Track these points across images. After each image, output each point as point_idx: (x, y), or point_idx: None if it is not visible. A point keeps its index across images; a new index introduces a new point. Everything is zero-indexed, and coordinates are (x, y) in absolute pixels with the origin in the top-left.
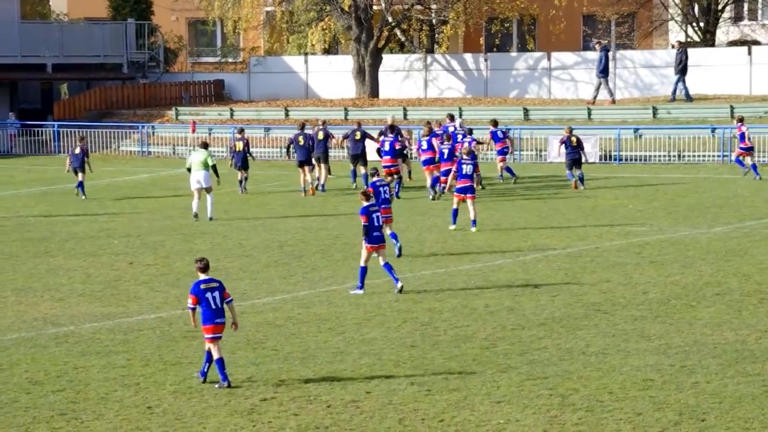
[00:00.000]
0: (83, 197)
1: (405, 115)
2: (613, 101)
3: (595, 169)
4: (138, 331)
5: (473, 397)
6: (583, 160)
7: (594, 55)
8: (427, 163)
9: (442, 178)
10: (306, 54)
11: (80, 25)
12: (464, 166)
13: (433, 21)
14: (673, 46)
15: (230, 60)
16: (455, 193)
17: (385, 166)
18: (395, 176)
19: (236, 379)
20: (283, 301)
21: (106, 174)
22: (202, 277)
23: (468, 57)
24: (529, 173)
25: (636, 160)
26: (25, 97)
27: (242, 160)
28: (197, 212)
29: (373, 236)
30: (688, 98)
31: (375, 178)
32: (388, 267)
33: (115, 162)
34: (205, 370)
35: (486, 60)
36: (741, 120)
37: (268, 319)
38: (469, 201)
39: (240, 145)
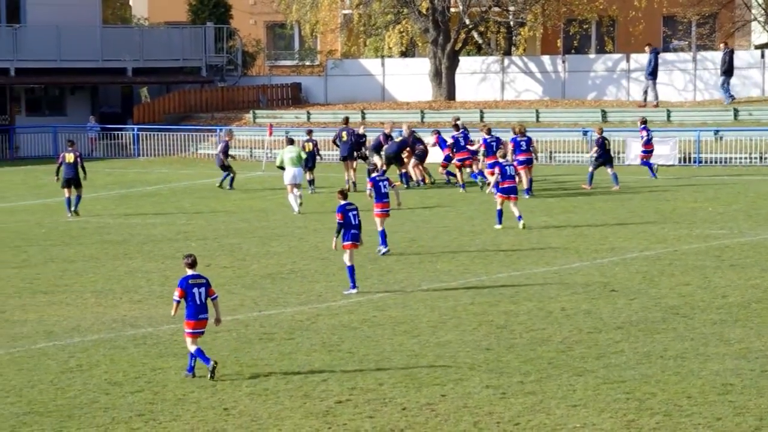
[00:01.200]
0: (229, 188)
1: (481, 117)
2: (657, 105)
3: (674, 171)
4: (215, 333)
5: (549, 400)
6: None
7: (672, 57)
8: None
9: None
10: (383, 57)
11: (160, 29)
12: (507, 168)
13: (511, 23)
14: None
15: (307, 63)
16: (499, 194)
17: (458, 160)
18: (466, 169)
19: (311, 382)
20: (359, 304)
21: (183, 176)
22: (190, 272)
23: (545, 59)
24: (606, 176)
25: (716, 162)
26: (105, 101)
27: (312, 161)
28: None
29: (351, 234)
30: (730, 98)
31: (375, 174)
32: (350, 268)
33: (193, 165)
34: (192, 364)
35: (564, 62)
36: (644, 122)
37: (344, 322)
38: (512, 202)
39: (310, 146)
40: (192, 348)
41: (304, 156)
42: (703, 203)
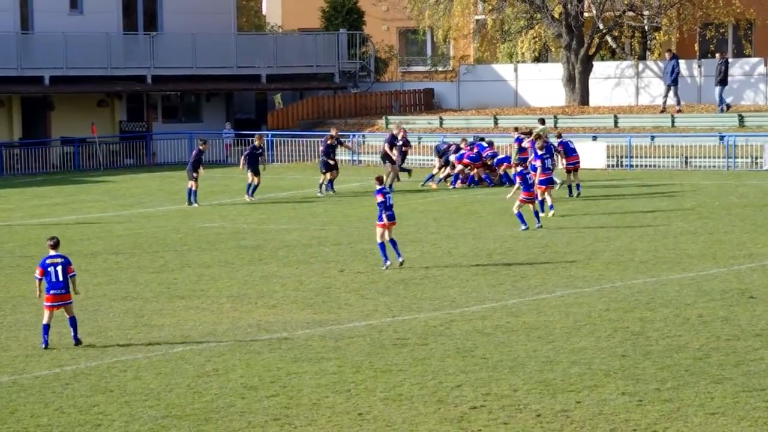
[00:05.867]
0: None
1: (616, 122)
2: (680, 110)
3: None
4: (349, 338)
5: (686, 408)
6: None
7: None
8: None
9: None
10: (516, 62)
11: (293, 36)
12: (546, 161)
13: (646, 27)
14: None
15: (440, 69)
16: (539, 186)
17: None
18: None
19: (445, 387)
20: (492, 310)
21: (316, 182)
22: (51, 253)
23: (681, 63)
24: (744, 181)
25: None
26: (240, 108)
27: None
28: None
29: (387, 215)
30: (723, 106)
31: (521, 168)
32: (393, 242)
33: None
34: (46, 338)
35: (700, 66)
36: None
37: (477, 327)
38: (547, 193)
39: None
40: (44, 320)
41: None
42: None
